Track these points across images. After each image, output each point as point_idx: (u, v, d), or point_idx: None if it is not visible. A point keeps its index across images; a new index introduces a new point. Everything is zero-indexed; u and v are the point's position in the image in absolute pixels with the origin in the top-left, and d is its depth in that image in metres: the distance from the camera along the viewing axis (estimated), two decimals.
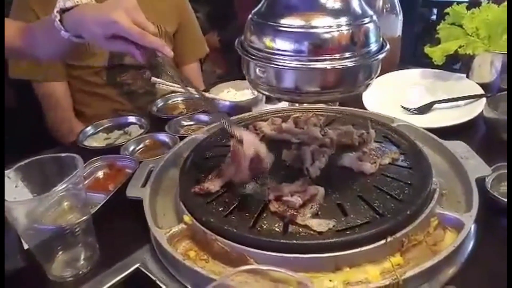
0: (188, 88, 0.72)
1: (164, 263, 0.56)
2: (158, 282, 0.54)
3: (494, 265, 0.52)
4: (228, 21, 2.23)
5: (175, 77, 0.76)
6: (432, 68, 1.01)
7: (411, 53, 1.09)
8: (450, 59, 0.98)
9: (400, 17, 1.04)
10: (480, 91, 0.90)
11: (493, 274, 0.51)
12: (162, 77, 1.15)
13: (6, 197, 0.52)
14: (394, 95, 0.96)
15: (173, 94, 1.09)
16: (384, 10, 1.02)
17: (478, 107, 0.83)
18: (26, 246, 0.61)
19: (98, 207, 0.67)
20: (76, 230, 0.58)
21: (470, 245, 0.54)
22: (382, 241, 0.49)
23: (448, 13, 0.97)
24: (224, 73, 2.22)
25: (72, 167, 0.58)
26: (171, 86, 1.00)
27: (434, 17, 2.00)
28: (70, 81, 1.23)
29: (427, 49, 0.96)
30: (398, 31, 1.05)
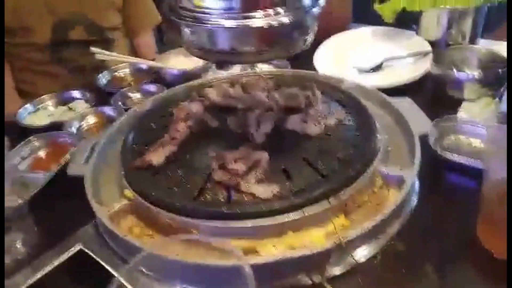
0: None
1: (108, 241, 0.54)
2: (100, 261, 0.52)
3: (436, 220, 0.53)
4: None
5: None
6: (384, 25, 0.99)
7: (364, 11, 1.06)
8: (408, 18, 0.97)
9: None
10: (429, 47, 0.90)
11: (436, 229, 0.52)
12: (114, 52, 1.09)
13: None
14: (346, 55, 0.94)
15: (120, 65, 1.03)
16: None
17: (426, 64, 0.82)
18: None
19: (39, 188, 0.63)
20: (9, 215, 0.54)
21: (414, 201, 0.54)
22: (325, 203, 0.49)
23: None
24: None
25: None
26: (112, 56, 0.94)
27: None
28: (10, 60, 1.16)
29: (377, 7, 0.94)
30: None
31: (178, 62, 0.99)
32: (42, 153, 0.76)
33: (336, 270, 0.46)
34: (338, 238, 0.45)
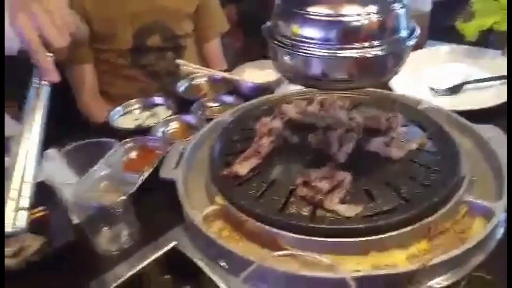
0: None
1: (199, 241, 0.59)
2: (194, 259, 0.57)
3: None
4: None
5: None
6: (464, 44, 0.97)
7: (441, 27, 1.04)
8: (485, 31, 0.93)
9: None
10: None
11: None
12: (184, 58, 1.18)
13: (56, 177, 0.57)
14: (422, 74, 0.93)
15: (196, 75, 1.10)
16: None
17: None
18: (75, 221, 0.66)
19: (135, 187, 0.70)
20: (117, 208, 0.62)
21: (500, 233, 0.54)
22: (409, 228, 0.51)
23: None
24: (241, 46, 2.22)
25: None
26: (194, 67, 1.02)
27: None
28: (98, 64, 1.27)
29: (460, 24, 0.92)
30: (428, 6, 1.02)
31: (252, 75, 1.04)
32: (133, 155, 0.84)
33: None
34: (422, 261, 0.47)
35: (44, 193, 0.70)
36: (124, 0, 1.19)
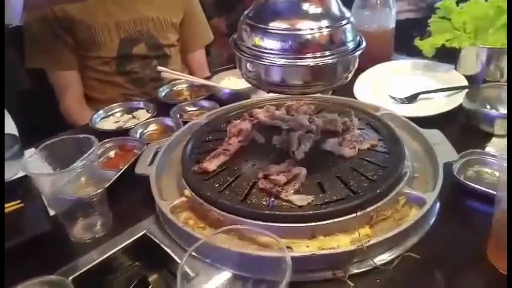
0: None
1: (167, 229, 0.64)
2: (162, 245, 0.63)
3: (452, 239, 0.59)
4: (235, 5, 2.30)
5: None
6: (426, 59, 1.05)
7: (407, 44, 1.13)
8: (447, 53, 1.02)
9: (394, 11, 1.09)
10: (466, 82, 0.96)
11: (449, 246, 0.58)
12: (169, 66, 1.23)
13: (34, 171, 0.61)
14: (383, 85, 1.01)
15: (178, 81, 1.17)
16: (378, 4, 1.07)
17: (460, 98, 0.88)
18: (51, 213, 0.70)
19: (111, 182, 0.75)
20: (93, 200, 0.66)
21: (432, 220, 0.61)
22: (353, 215, 0.57)
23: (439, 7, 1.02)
24: (231, 56, 2.29)
25: (88, 147, 0.67)
26: (175, 74, 1.08)
27: None
28: (82, 70, 1.31)
29: (417, 42, 1.01)
30: (392, 24, 1.11)
31: (231, 82, 1.11)
32: (112, 154, 0.89)
33: (357, 270, 0.54)
34: (361, 243, 0.53)
35: (22, 187, 0.75)
36: (109, 10, 1.24)
